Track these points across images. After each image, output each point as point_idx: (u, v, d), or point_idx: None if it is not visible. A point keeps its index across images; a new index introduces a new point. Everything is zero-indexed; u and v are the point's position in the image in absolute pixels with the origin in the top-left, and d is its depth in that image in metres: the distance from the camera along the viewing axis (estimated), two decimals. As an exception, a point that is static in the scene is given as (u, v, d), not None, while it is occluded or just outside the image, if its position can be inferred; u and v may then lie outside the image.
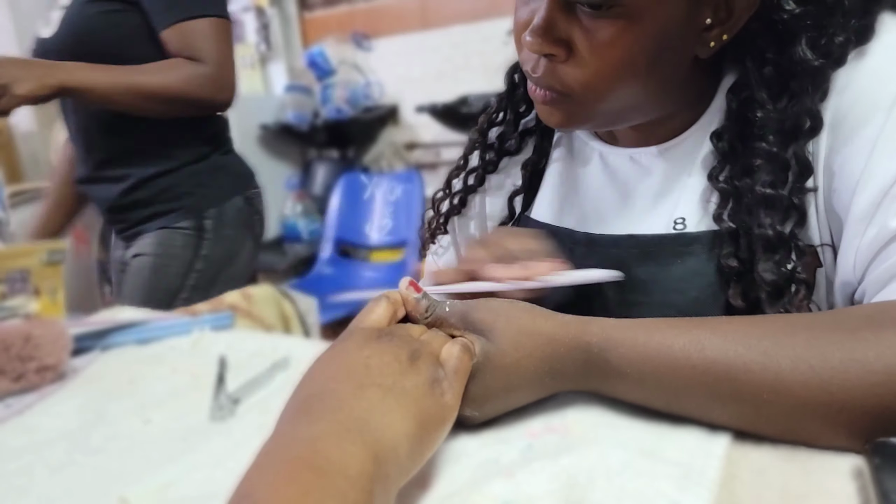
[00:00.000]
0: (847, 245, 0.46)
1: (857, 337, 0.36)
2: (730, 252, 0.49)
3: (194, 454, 0.45)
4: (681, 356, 0.38)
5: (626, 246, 0.54)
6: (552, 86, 0.49)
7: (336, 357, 0.38)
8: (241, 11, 3.27)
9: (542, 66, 0.49)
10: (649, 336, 0.39)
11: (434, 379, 0.37)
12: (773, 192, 0.47)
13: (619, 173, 0.59)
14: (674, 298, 0.51)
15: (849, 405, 0.35)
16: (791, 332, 0.37)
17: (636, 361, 0.39)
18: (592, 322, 0.41)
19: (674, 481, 0.34)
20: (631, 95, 0.49)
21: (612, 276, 0.48)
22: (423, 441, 0.35)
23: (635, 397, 0.41)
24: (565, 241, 0.58)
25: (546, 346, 0.40)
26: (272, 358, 0.62)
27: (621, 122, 0.54)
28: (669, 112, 0.54)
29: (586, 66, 0.47)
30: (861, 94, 0.45)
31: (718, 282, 0.50)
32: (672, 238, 0.52)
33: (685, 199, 0.53)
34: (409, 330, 0.42)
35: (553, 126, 0.54)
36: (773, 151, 0.47)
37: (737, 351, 0.37)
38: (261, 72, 3.30)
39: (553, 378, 0.41)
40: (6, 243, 1.07)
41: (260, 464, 0.30)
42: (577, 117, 0.51)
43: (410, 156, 3.06)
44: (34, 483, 0.44)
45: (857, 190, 0.44)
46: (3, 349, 0.60)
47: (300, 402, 0.35)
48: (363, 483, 0.29)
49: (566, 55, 0.47)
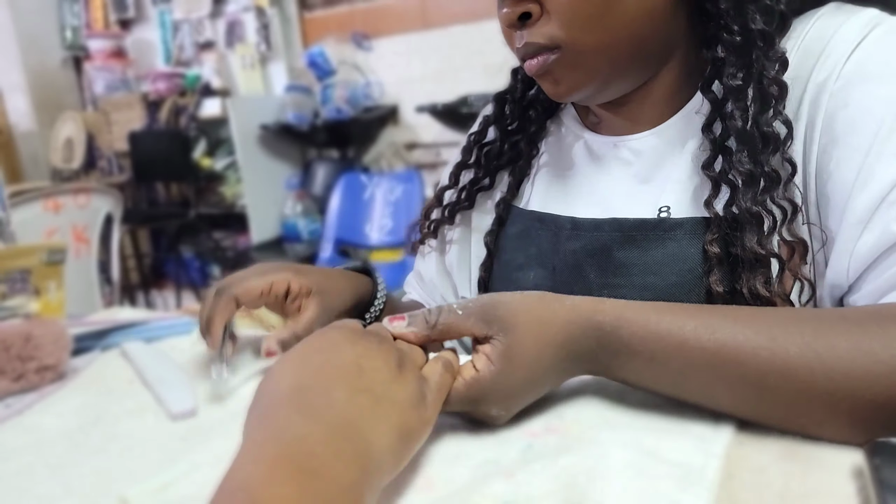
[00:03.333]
0: (841, 248, 0.46)
1: (864, 329, 0.36)
2: (714, 238, 0.49)
3: (194, 454, 0.45)
4: (691, 336, 0.38)
5: (609, 229, 0.55)
6: (539, 44, 0.51)
7: (326, 349, 0.37)
8: (241, 11, 3.27)
9: (524, 34, 0.51)
10: (660, 317, 0.40)
11: (420, 393, 0.37)
12: (754, 169, 0.47)
13: (604, 160, 0.59)
14: (653, 281, 0.52)
15: (852, 394, 0.35)
16: (799, 321, 0.38)
17: (647, 339, 0.39)
18: (605, 302, 0.41)
19: (674, 481, 0.34)
20: (612, 34, 0.49)
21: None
22: (402, 454, 0.35)
23: (644, 378, 0.41)
24: (550, 225, 0.60)
25: (562, 330, 0.40)
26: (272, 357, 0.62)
27: (619, 75, 0.53)
28: (659, 72, 0.54)
29: (562, 11, 0.49)
30: (856, 97, 0.45)
31: (699, 268, 0.50)
32: (654, 223, 0.53)
33: (670, 187, 0.54)
34: (384, 332, 0.42)
35: (562, 97, 0.55)
36: (747, 131, 0.48)
37: (746, 335, 0.37)
38: (261, 72, 3.30)
39: (570, 361, 0.41)
40: (6, 243, 1.07)
41: (253, 454, 0.29)
42: (579, 74, 0.52)
43: (410, 156, 3.06)
44: (34, 483, 0.44)
45: (852, 193, 0.44)
46: (3, 349, 0.60)
47: (291, 390, 0.34)
48: (355, 492, 0.29)
49: (540, 10, 0.50)
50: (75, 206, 2.08)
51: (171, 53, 3.56)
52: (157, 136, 3.42)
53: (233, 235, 3.48)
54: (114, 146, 3.58)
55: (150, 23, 3.63)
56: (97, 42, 3.62)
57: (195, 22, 3.43)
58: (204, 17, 3.39)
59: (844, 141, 0.45)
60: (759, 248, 0.46)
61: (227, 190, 3.39)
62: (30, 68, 3.63)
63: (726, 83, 0.49)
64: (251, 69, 3.31)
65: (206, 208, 3.44)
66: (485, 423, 0.42)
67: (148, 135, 3.43)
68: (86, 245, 2.11)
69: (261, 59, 3.28)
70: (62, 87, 3.82)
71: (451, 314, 0.42)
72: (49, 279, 0.79)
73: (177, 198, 3.66)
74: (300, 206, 3.08)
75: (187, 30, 3.46)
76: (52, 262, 0.79)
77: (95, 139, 3.55)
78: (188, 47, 3.49)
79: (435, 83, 2.84)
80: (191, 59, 3.50)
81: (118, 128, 3.52)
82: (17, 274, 0.76)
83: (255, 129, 3.06)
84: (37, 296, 0.77)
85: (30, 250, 0.78)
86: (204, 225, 3.39)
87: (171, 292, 3.54)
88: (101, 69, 3.60)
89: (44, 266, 0.78)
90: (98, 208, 2.17)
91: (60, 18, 3.78)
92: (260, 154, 3.10)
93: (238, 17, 3.31)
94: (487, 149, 0.68)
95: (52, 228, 1.99)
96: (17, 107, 3.63)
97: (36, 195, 1.95)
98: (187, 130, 3.38)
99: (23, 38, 3.59)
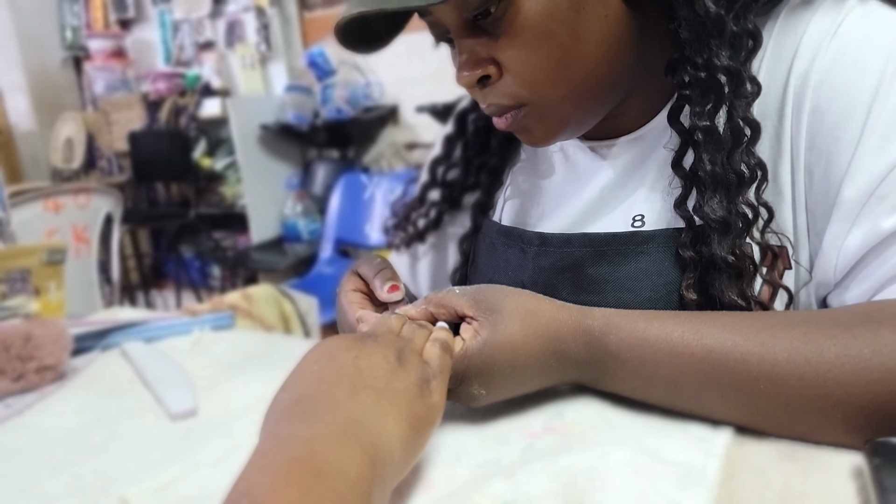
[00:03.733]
0: (829, 244, 0.44)
1: (854, 333, 0.36)
2: (686, 242, 0.47)
3: (194, 454, 0.45)
4: (679, 343, 0.38)
5: (579, 245, 0.53)
6: (505, 104, 0.48)
7: (322, 358, 0.37)
8: (241, 11, 3.27)
9: (489, 94, 0.48)
10: (648, 323, 0.40)
11: (423, 379, 0.37)
12: (718, 169, 0.45)
13: (578, 166, 0.57)
14: (626, 298, 0.50)
15: (844, 401, 0.35)
16: (788, 325, 0.38)
17: (635, 346, 0.39)
18: (595, 310, 0.42)
19: (674, 481, 0.34)
20: (576, 81, 0.46)
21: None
22: (415, 443, 0.35)
23: (634, 387, 0.41)
24: (517, 241, 0.58)
25: (550, 325, 0.41)
26: (272, 357, 0.62)
27: (593, 112, 0.50)
28: (636, 87, 0.51)
29: (519, 66, 0.46)
30: (840, 88, 0.43)
31: (674, 282, 0.48)
32: (626, 237, 0.51)
33: (643, 193, 0.52)
34: (389, 324, 0.42)
35: (541, 145, 0.53)
36: (708, 126, 0.45)
37: (734, 340, 0.37)
38: (261, 72, 3.30)
39: (557, 360, 0.41)
40: (6, 243, 1.07)
41: (257, 464, 0.30)
42: (552, 124, 0.49)
43: (410, 156, 3.06)
44: (34, 483, 0.44)
45: (840, 189, 0.43)
46: (3, 349, 0.60)
47: (292, 402, 0.34)
48: (362, 486, 0.29)
49: (498, 72, 0.47)
50: (75, 206, 2.08)
51: (171, 53, 3.56)
52: (157, 136, 3.42)
53: (233, 235, 3.48)
54: (114, 146, 3.57)
55: (150, 23, 3.63)
56: (97, 42, 3.62)
57: (195, 22, 3.43)
58: (204, 17, 3.39)
59: (831, 135, 0.43)
60: (731, 253, 0.44)
61: (227, 190, 3.39)
62: (30, 68, 3.63)
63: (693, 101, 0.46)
64: (251, 69, 3.31)
65: (206, 208, 3.44)
66: (466, 404, 0.42)
67: (148, 135, 3.43)
68: (86, 245, 2.11)
69: (261, 59, 3.28)
70: (62, 87, 3.82)
71: (448, 292, 0.44)
72: (49, 279, 0.79)
73: (177, 198, 3.66)
74: (300, 206, 3.08)
75: (187, 30, 3.46)
76: (52, 262, 0.79)
77: (95, 139, 3.55)
78: (188, 47, 3.49)
79: (435, 83, 2.84)
80: (191, 59, 3.50)
81: (118, 128, 3.52)
82: (17, 274, 0.76)
83: (255, 129, 3.05)
84: (37, 296, 0.77)
85: (30, 250, 0.78)
86: (204, 225, 3.39)
87: (171, 292, 3.54)
88: (101, 69, 3.60)
89: (44, 266, 0.78)
90: (98, 208, 2.17)
91: (60, 18, 3.78)
92: (260, 154, 3.10)
93: (238, 17, 3.30)
94: (452, 178, 0.67)
95: (52, 228, 1.98)
96: (17, 107, 3.63)
97: (36, 195, 1.95)
98: (187, 130, 3.38)
99: (23, 38, 3.59)
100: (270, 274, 2.89)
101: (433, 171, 0.69)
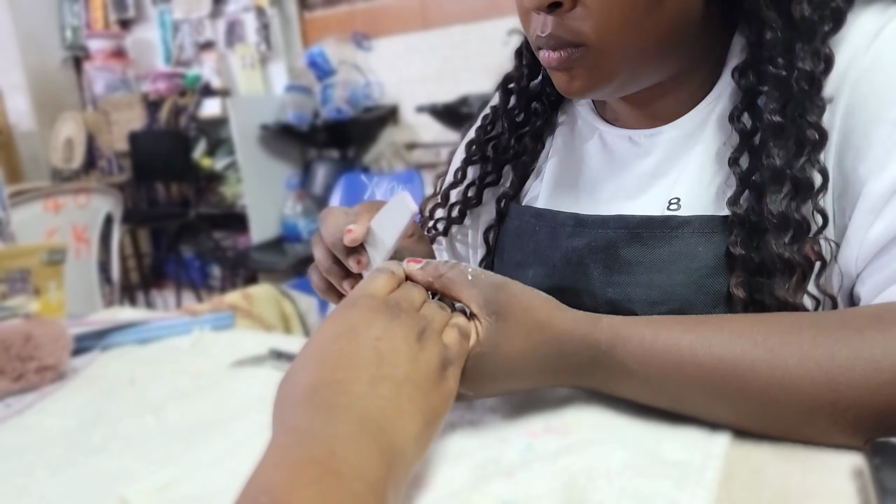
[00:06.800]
0: (853, 236, 0.45)
1: (864, 335, 0.36)
2: (736, 241, 0.47)
3: (194, 454, 0.45)
4: (687, 354, 0.38)
5: (614, 226, 0.53)
6: (564, 39, 0.47)
7: (343, 336, 0.36)
8: (241, 11, 3.27)
9: (549, 23, 0.47)
10: (656, 334, 0.39)
11: (442, 364, 0.37)
12: (785, 168, 0.45)
13: (616, 153, 0.58)
14: (658, 279, 0.51)
15: (856, 403, 0.35)
16: (797, 329, 0.37)
17: (643, 359, 0.39)
18: (602, 319, 0.41)
19: (673, 481, 0.34)
20: (644, 38, 0.47)
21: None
22: (427, 439, 0.35)
23: (640, 395, 0.41)
24: (549, 221, 0.58)
25: (555, 340, 0.40)
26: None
27: (640, 76, 0.51)
28: (682, 70, 0.52)
29: (598, 7, 0.45)
30: (877, 88, 0.44)
31: (706, 266, 0.49)
32: (661, 220, 0.51)
33: (683, 179, 0.52)
34: (411, 295, 0.41)
35: (574, 94, 0.52)
36: (781, 123, 0.45)
37: (743, 348, 0.37)
38: (261, 72, 3.30)
39: (555, 373, 0.41)
40: (6, 243, 1.07)
41: (275, 459, 0.30)
42: (597, 74, 0.49)
43: (410, 156, 3.06)
44: (34, 483, 0.44)
45: (867, 182, 0.44)
46: (3, 349, 0.60)
47: (310, 389, 0.34)
48: (379, 488, 0.29)
49: (571, 2, 0.46)
50: (75, 206, 2.08)
51: (171, 53, 3.56)
52: (157, 136, 3.42)
53: (233, 235, 3.48)
54: (114, 146, 3.58)
55: (150, 23, 3.63)
56: (97, 42, 3.62)
57: (195, 22, 3.43)
58: (204, 17, 3.39)
59: (864, 131, 0.44)
60: (787, 253, 0.44)
61: (227, 190, 3.39)
62: (30, 68, 3.63)
63: (767, 71, 0.47)
64: (251, 69, 3.31)
65: (206, 208, 3.44)
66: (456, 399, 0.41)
67: (148, 135, 3.43)
68: (86, 245, 2.11)
69: (261, 59, 3.28)
70: (62, 87, 3.82)
71: (461, 274, 0.42)
72: (49, 279, 0.79)
73: (177, 198, 3.66)
74: (300, 206, 3.08)
75: (187, 30, 3.46)
76: (52, 262, 0.79)
77: (95, 139, 3.55)
78: (188, 47, 3.49)
79: (435, 83, 2.84)
80: (191, 59, 3.50)
81: (118, 128, 3.52)
82: (17, 274, 0.76)
83: (255, 129, 3.06)
84: (37, 296, 0.78)
85: (30, 250, 0.78)
86: (204, 225, 3.39)
87: (171, 292, 3.54)
88: (101, 69, 3.60)
89: (44, 266, 0.78)
90: (98, 208, 2.17)
91: (60, 18, 3.78)
92: (260, 154, 3.10)
93: (238, 17, 3.31)
94: (495, 143, 0.66)
95: (52, 228, 1.99)
96: (17, 107, 3.63)
97: (36, 195, 1.95)
98: (187, 130, 3.38)
99: (23, 38, 3.59)
100: (270, 274, 2.89)
101: (470, 149, 0.68)
